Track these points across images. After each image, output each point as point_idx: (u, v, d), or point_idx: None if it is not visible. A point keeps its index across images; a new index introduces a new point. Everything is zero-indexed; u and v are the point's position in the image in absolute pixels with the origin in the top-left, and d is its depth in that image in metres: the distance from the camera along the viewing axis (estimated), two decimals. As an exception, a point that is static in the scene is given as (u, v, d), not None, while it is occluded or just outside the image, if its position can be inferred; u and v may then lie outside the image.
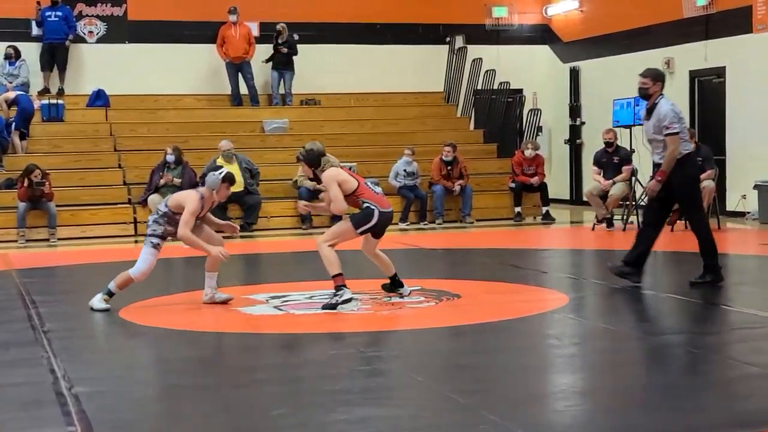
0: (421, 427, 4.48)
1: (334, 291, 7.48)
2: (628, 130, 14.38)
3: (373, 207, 7.56)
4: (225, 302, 7.79)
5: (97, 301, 7.56)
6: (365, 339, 6.52)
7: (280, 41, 17.30)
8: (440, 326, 7.00)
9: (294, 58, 17.45)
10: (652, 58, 16.59)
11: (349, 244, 7.76)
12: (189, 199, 7.60)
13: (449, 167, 15.49)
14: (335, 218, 12.63)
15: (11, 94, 15.76)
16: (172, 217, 7.60)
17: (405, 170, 15.45)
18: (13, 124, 15.44)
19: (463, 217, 15.50)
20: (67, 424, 4.57)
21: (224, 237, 8.20)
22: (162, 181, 14.27)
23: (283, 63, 17.40)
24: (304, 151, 7.68)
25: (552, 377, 5.55)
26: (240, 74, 17.26)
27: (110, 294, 7.57)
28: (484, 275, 9.41)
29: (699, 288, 8.08)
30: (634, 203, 13.83)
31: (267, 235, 14.45)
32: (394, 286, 7.93)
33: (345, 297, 7.43)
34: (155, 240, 7.59)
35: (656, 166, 8.25)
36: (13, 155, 15.21)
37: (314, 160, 7.63)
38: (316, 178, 7.75)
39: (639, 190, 14.12)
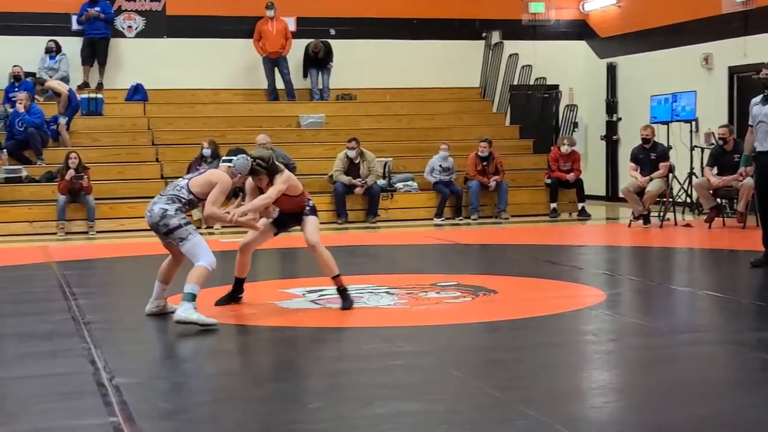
0: (458, 421, 4.50)
1: (342, 289, 7.31)
2: (666, 126, 14.30)
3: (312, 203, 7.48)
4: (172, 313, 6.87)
5: (185, 312, 6.59)
6: (402, 334, 6.54)
7: (319, 56, 17.45)
8: (477, 321, 7.03)
9: (330, 54, 17.59)
10: (691, 54, 16.50)
11: (380, 239, 7.70)
12: (222, 178, 6.87)
13: (485, 163, 15.47)
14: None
15: (64, 89, 15.92)
16: (195, 204, 6.96)
17: (441, 166, 15.45)
18: (66, 118, 15.66)
19: (498, 212, 15.48)
20: (109, 414, 4.63)
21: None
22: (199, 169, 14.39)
23: (321, 64, 17.58)
24: (263, 162, 7.03)
25: (589, 373, 5.54)
26: (276, 69, 17.35)
27: (194, 297, 6.66)
28: (520, 271, 9.40)
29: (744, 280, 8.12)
30: (671, 200, 13.75)
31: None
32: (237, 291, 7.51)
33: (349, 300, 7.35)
34: (191, 227, 6.80)
35: (763, 154, 8.95)
36: (54, 148, 15.39)
37: (274, 167, 7.09)
38: (265, 189, 7.18)
39: (676, 187, 14.04)
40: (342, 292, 7.34)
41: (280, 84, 17.44)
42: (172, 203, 6.80)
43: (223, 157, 7.16)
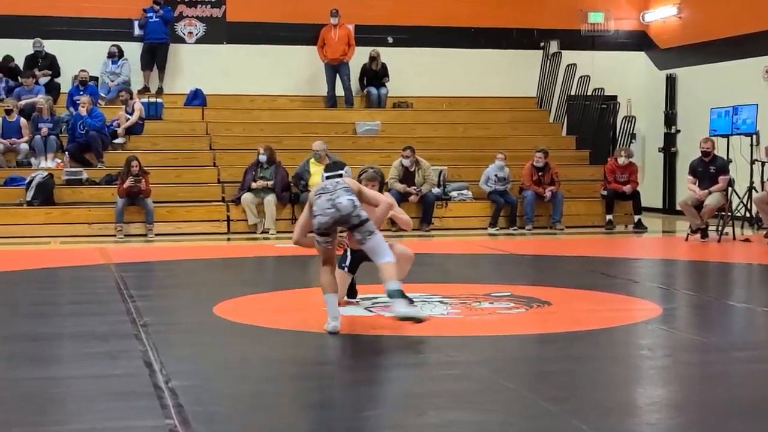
0: (511, 433, 4.50)
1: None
2: (726, 139, 14.13)
3: None
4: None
5: (405, 308, 6.73)
6: (455, 343, 6.54)
7: (375, 68, 17.56)
8: (530, 333, 7.00)
9: (388, 65, 17.68)
10: (752, 66, 16.29)
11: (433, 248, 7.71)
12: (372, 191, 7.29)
13: (540, 173, 15.41)
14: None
15: (136, 116, 16.19)
16: None
17: (497, 175, 15.42)
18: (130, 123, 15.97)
19: (553, 223, 15.40)
20: (165, 416, 4.69)
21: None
22: (254, 185, 14.55)
23: (379, 78, 17.69)
24: (376, 174, 7.75)
25: (644, 389, 5.49)
26: (337, 75, 17.46)
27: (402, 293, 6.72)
28: (574, 283, 9.33)
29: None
30: (729, 214, 13.57)
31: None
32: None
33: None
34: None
35: None
36: (113, 152, 15.63)
37: (383, 182, 7.90)
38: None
39: (735, 201, 13.86)
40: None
41: (339, 91, 17.54)
42: (361, 209, 6.69)
43: (335, 172, 6.90)
